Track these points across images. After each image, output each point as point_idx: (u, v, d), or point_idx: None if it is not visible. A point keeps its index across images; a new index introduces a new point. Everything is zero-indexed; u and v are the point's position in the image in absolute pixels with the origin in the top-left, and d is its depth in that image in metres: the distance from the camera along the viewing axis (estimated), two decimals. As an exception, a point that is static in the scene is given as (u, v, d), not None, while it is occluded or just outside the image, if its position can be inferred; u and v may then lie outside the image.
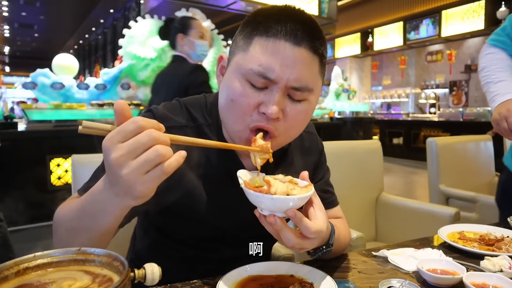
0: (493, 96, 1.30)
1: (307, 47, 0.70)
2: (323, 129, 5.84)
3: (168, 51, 5.56)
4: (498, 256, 0.84)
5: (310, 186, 0.69)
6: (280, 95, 0.70)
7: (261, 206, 0.65)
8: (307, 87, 0.72)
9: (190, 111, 0.85)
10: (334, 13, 6.89)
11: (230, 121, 0.76)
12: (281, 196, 0.63)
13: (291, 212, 0.64)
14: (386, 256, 0.89)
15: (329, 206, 0.99)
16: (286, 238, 0.66)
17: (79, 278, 0.49)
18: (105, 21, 11.38)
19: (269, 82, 0.70)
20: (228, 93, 0.74)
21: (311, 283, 0.70)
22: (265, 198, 0.62)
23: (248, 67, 0.70)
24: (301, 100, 0.73)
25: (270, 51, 0.69)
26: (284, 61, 0.69)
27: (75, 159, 1.18)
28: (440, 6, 8.71)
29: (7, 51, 17.05)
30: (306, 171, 0.75)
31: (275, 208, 0.64)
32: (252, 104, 0.71)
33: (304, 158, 0.96)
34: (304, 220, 0.65)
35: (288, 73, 0.69)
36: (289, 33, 0.69)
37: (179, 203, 0.81)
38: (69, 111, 4.29)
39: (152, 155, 0.49)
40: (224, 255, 0.89)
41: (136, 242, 0.99)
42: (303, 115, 0.75)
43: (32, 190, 3.72)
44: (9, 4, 9.90)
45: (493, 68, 1.35)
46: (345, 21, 10.57)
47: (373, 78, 12.46)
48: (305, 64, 0.71)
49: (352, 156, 1.88)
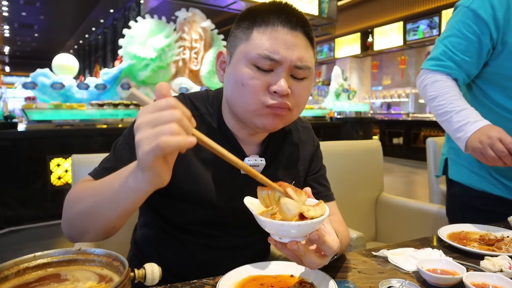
0: (459, 126, 1.19)
1: (302, 32, 0.79)
2: (323, 129, 5.84)
3: (167, 51, 5.57)
4: (498, 256, 0.84)
5: (322, 204, 0.65)
6: (286, 74, 0.77)
7: (283, 234, 0.60)
8: (307, 66, 0.79)
9: (193, 102, 0.91)
10: (334, 13, 6.89)
11: (243, 104, 0.80)
12: (307, 222, 0.58)
13: (315, 235, 0.61)
14: (386, 256, 0.89)
15: (325, 200, 0.99)
16: (310, 262, 0.64)
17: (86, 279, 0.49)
18: (105, 21, 11.38)
19: (274, 63, 0.76)
20: (237, 80, 0.79)
21: (311, 283, 0.70)
22: (291, 226, 0.58)
23: (254, 52, 0.77)
24: (303, 78, 0.81)
25: (272, 37, 0.77)
26: (285, 44, 0.77)
27: (75, 159, 1.18)
28: (440, 6, 8.72)
29: (7, 51, 17.06)
30: (308, 188, 0.72)
31: (300, 234, 0.60)
32: (262, 85, 0.77)
33: (301, 148, 1.00)
34: (327, 241, 0.64)
35: (291, 53, 0.77)
36: (285, 20, 0.78)
37: (181, 185, 0.84)
38: (69, 111, 4.29)
39: (164, 129, 0.50)
40: (224, 243, 0.91)
41: (137, 235, 1.01)
42: (306, 91, 0.83)
43: (32, 190, 3.72)
44: (9, 4, 9.90)
45: (447, 97, 1.24)
46: (345, 21, 10.58)
47: (373, 78, 12.47)
48: (303, 46, 0.79)
49: (352, 156, 1.88)
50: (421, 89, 1.36)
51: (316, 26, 7.21)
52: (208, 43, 6.20)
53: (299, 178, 0.98)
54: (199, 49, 6.07)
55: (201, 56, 6.10)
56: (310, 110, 6.56)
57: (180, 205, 0.88)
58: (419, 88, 1.39)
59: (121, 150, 0.83)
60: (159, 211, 0.92)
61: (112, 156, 0.83)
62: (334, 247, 0.65)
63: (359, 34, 10.99)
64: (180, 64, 5.91)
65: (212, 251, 0.91)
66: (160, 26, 5.70)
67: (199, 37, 6.06)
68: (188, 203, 0.87)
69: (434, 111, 1.30)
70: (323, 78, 13.16)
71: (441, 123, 1.29)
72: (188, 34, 5.93)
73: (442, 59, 1.29)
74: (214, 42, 6.31)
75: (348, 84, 8.19)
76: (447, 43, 1.29)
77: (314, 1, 6.59)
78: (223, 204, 0.87)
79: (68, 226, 0.71)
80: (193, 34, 5.99)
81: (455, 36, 1.28)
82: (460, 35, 1.27)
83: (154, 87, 5.78)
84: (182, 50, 5.85)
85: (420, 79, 1.37)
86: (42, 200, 3.76)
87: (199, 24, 6.07)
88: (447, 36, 1.30)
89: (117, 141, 0.86)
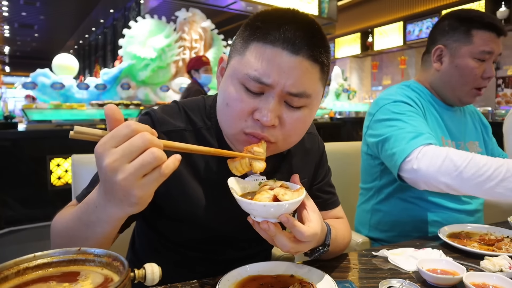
0: None
1: (306, 56, 0.67)
2: (323, 129, 5.84)
3: (167, 51, 5.57)
4: (498, 256, 0.84)
5: (302, 190, 0.69)
6: (276, 101, 0.68)
7: (253, 213, 0.66)
8: (305, 93, 0.69)
9: (189, 114, 0.83)
10: (334, 13, 6.89)
11: (225, 125, 0.75)
12: (273, 203, 0.63)
13: (284, 217, 0.64)
14: (386, 256, 0.89)
15: (331, 207, 0.99)
16: (281, 243, 0.66)
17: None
18: (105, 21, 11.38)
19: (265, 87, 0.68)
20: (224, 97, 0.72)
21: (311, 283, 0.70)
22: (257, 205, 0.63)
23: (244, 71, 0.68)
24: (299, 107, 0.71)
25: (266, 58, 0.67)
26: (281, 68, 0.66)
27: (75, 159, 1.18)
28: (440, 6, 8.71)
29: (7, 51, 17.05)
30: (296, 174, 0.75)
31: (268, 214, 0.64)
32: (246, 109, 0.69)
33: (304, 159, 0.95)
34: (297, 225, 0.65)
35: (285, 78, 0.67)
36: (287, 41, 0.66)
37: (177, 207, 0.81)
38: (69, 111, 4.29)
39: (148, 157, 0.48)
40: (224, 256, 0.89)
41: (135, 243, 0.99)
42: (302, 123, 0.73)
43: (32, 190, 3.72)
44: (9, 4, 9.90)
45: (477, 158, 1.02)
46: (345, 21, 10.57)
47: (373, 78, 12.46)
48: (304, 72, 0.68)
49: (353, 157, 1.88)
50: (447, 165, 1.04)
51: (316, 26, 7.20)
52: (208, 43, 6.20)
53: None
54: (199, 49, 6.07)
55: (201, 56, 6.11)
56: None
57: (177, 225, 0.85)
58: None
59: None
60: (156, 228, 0.89)
61: (97, 178, 0.78)
62: (306, 233, 0.65)
63: (359, 34, 10.98)
64: (180, 64, 5.91)
65: (211, 264, 0.89)
66: (160, 26, 5.70)
67: (199, 37, 6.06)
68: (186, 224, 0.83)
69: (476, 179, 1.00)
70: (323, 78, 13.16)
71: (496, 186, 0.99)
72: (188, 34, 5.93)
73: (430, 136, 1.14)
74: (214, 42, 6.31)
75: (348, 84, 8.19)
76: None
77: (314, 1, 6.58)
78: (221, 224, 0.84)
79: None
80: (193, 34, 5.99)
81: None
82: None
83: (154, 87, 5.79)
84: (182, 50, 5.84)
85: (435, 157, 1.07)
86: (42, 200, 3.76)
87: (199, 24, 6.07)
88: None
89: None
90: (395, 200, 1.33)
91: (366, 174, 1.43)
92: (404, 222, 1.31)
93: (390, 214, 1.35)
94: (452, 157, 1.03)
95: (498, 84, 8.30)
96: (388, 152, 1.18)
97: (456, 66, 1.26)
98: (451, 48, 1.27)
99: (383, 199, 1.36)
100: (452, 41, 1.27)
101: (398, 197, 1.32)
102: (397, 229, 1.34)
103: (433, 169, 1.04)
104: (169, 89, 5.68)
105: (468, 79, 1.25)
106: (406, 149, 1.11)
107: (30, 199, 3.70)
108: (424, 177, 1.07)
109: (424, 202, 1.28)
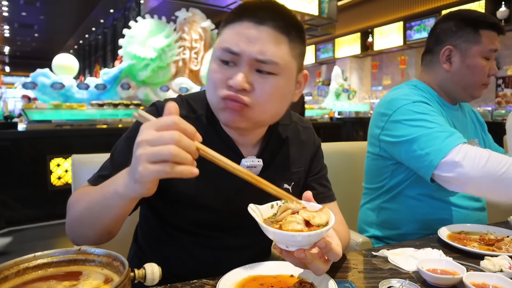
0: None
1: (270, 26, 0.75)
2: (323, 129, 5.83)
3: (168, 51, 5.57)
4: (498, 256, 0.84)
5: (326, 209, 0.66)
6: (246, 69, 0.75)
7: (291, 244, 0.60)
8: (272, 61, 0.75)
9: (190, 103, 0.90)
10: (334, 13, 6.89)
11: (209, 97, 0.81)
12: (317, 231, 0.58)
13: (322, 243, 0.61)
14: (386, 256, 0.89)
15: (326, 201, 0.99)
16: (316, 269, 0.64)
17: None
18: (105, 21, 11.38)
19: (235, 56, 0.75)
20: (208, 75, 0.81)
21: (311, 283, 0.70)
22: (302, 236, 0.58)
23: (219, 47, 0.78)
24: (269, 73, 0.77)
25: (235, 31, 0.76)
26: (248, 38, 0.75)
27: (75, 159, 1.18)
28: (440, 6, 8.71)
29: (7, 51, 17.06)
30: (309, 191, 0.71)
31: (307, 243, 0.60)
32: (222, 78, 0.77)
33: (300, 150, 0.98)
34: (333, 248, 0.64)
35: (251, 46, 0.74)
36: (252, 14, 0.76)
37: (179, 188, 0.84)
38: (69, 111, 4.29)
39: (163, 151, 0.52)
40: (224, 243, 0.91)
41: (138, 236, 1.02)
42: (273, 89, 0.78)
43: (32, 190, 3.72)
44: (9, 4, 9.90)
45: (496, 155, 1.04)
46: (345, 21, 10.57)
47: (373, 78, 12.46)
48: (269, 40, 0.75)
49: (353, 157, 1.88)
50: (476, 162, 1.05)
51: (316, 26, 7.20)
52: (208, 43, 6.20)
53: (299, 179, 0.97)
54: (199, 49, 6.07)
55: (201, 56, 6.10)
56: (310, 110, 6.56)
57: (178, 207, 0.88)
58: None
59: (119, 158, 0.82)
60: (158, 212, 0.93)
61: (110, 163, 0.84)
62: (340, 253, 0.65)
63: (359, 34, 10.97)
64: (180, 64, 5.91)
65: (212, 251, 0.91)
66: (160, 26, 5.70)
67: (199, 37, 6.06)
68: (186, 205, 0.87)
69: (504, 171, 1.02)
70: (323, 78, 13.15)
71: None
72: (188, 34, 5.93)
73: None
74: (214, 42, 6.31)
75: (348, 84, 8.19)
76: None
77: (314, 1, 6.58)
78: (221, 206, 0.87)
79: (69, 230, 0.76)
80: (193, 34, 5.99)
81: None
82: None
83: (154, 87, 5.79)
84: (182, 50, 5.85)
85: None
86: (42, 200, 3.76)
87: (199, 24, 6.07)
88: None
89: (115, 146, 0.86)
90: (403, 197, 1.33)
91: (373, 174, 1.42)
92: (412, 220, 1.32)
93: (399, 212, 1.35)
94: (496, 158, 1.03)
95: (498, 84, 8.30)
96: (418, 152, 1.14)
97: (467, 66, 1.28)
98: (460, 49, 1.28)
99: (391, 197, 1.36)
100: (461, 41, 1.28)
101: (406, 194, 1.32)
102: (405, 227, 1.34)
103: (478, 169, 1.03)
104: (169, 89, 5.68)
105: (479, 78, 1.29)
106: (443, 148, 1.09)
107: (30, 199, 3.71)
108: (466, 177, 1.05)
109: (433, 199, 1.28)
